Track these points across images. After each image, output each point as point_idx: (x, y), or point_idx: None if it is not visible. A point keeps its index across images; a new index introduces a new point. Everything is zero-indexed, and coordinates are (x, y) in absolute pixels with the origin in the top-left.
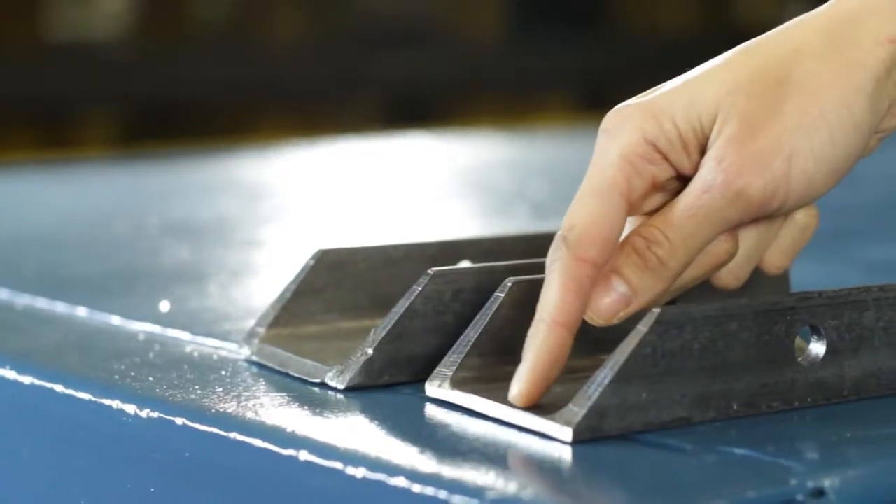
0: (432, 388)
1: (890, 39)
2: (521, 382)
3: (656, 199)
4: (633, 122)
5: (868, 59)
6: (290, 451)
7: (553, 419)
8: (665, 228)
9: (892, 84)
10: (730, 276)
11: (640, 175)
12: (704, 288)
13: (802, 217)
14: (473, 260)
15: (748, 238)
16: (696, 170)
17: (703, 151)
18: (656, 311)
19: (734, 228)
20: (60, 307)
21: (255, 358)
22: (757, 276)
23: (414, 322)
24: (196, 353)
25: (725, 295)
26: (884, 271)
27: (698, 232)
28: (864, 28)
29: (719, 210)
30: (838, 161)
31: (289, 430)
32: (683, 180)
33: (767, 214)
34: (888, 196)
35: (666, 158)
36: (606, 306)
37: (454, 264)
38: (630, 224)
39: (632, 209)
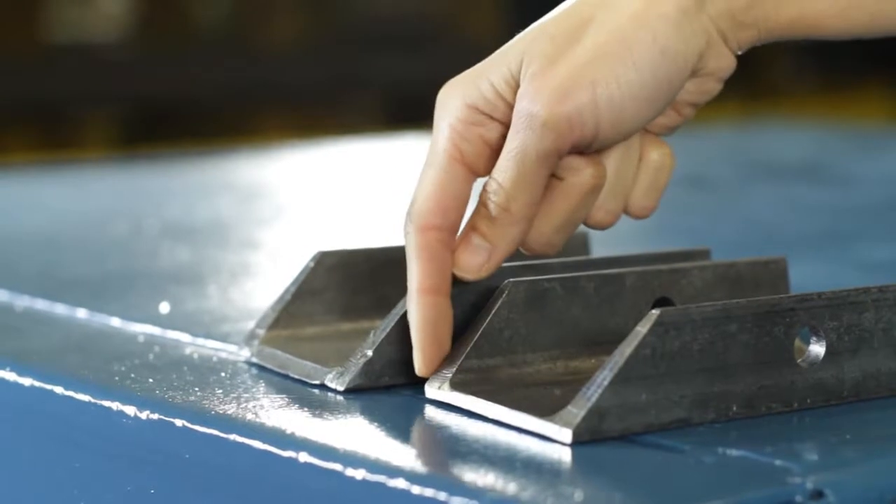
0: (432, 390)
1: None
2: (416, 354)
3: None
4: (456, 93)
5: None
6: (289, 453)
7: (552, 421)
8: (497, 175)
9: (706, 19)
10: (600, 213)
11: (467, 139)
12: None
13: (656, 157)
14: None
15: (609, 172)
16: None
17: None
18: (655, 312)
19: (556, 160)
20: (60, 309)
21: (254, 359)
22: (756, 278)
23: None
24: (196, 355)
25: (724, 296)
26: (883, 272)
27: (524, 170)
28: None
29: (534, 144)
30: (646, 87)
31: (288, 431)
32: None
33: (587, 144)
34: (887, 197)
35: (491, 117)
36: (468, 261)
37: None
38: None
39: (475, 172)
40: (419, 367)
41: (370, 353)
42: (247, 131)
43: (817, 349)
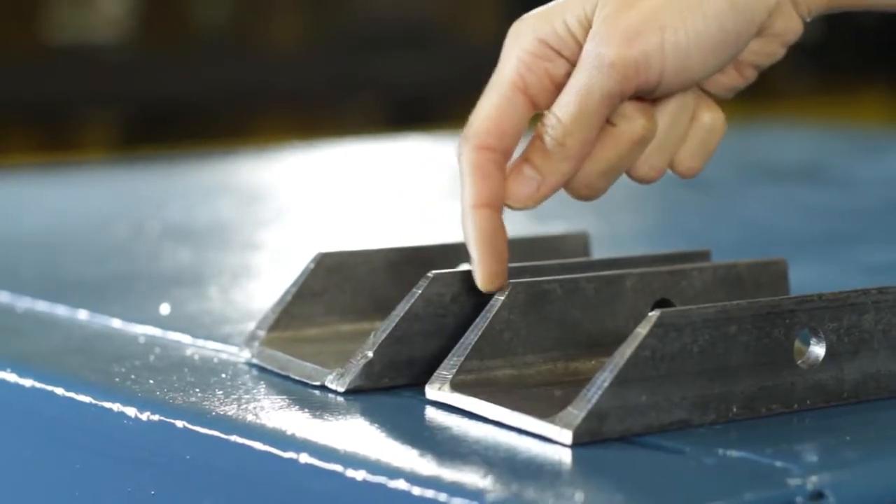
0: (432, 391)
1: None
2: (477, 269)
3: None
4: (528, 26)
5: None
6: (290, 454)
7: (553, 422)
8: (557, 110)
9: None
10: (645, 167)
11: (534, 71)
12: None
13: (708, 118)
14: None
15: (661, 126)
16: None
17: None
18: (656, 314)
19: (618, 102)
20: (61, 310)
21: (255, 361)
22: (757, 279)
23: (414, 325)
24: (196, 357)
25: (724, 298)
26: (883, 274)
27: (585, 108)
28: None
29: (599, 84)
30: (713, 37)
31: (289, 432)
32: None
33: (650, 88)
34: (887, 199)
35: (560, 54)
36: (517, 190)
37: (454, 267)
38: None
39: (535, 104)
40: (482, 281)
41: (371, 354)
42: (247, 133)
43: (817, 351)
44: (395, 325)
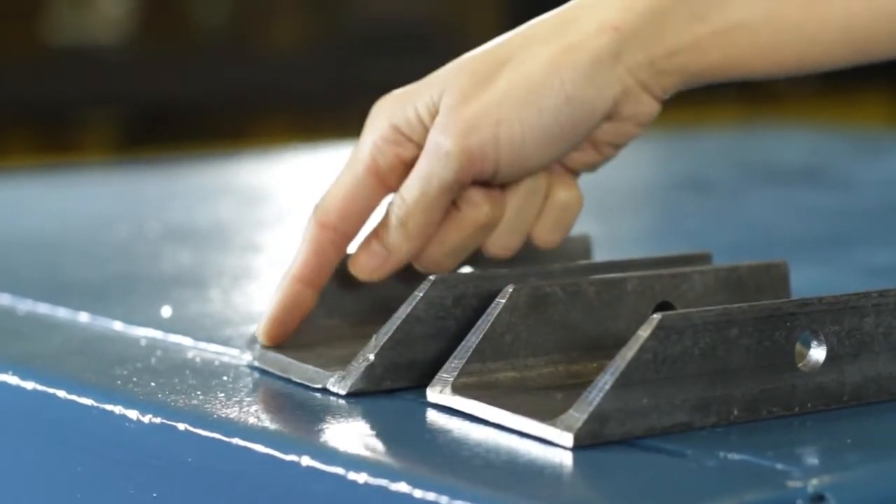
0: (434, 394)
1: (613, 27)
2: (262, 323)
3: None
4: (385, 112)
5: (587, 44)
6: (291, 457)
7: (554, 425)
8: (402, 192)
9: (622, 69)
10: (496, 246)
11: (385, 155)
12: None
13: (564, 196)
14: (475, 266)
15: (509, 209)
16: None
17: None
18: (657, 316)
19: (458, 189)
20: (62, 312)
21: (256, 363)
22: (758, 282)
23: (415, 327)
24: (198, 359)
25: (725, 301)
26: (884, 275)
27: (425, 193)
28: (592, 16)
29: (437, 171)
30: (547, 130)
31: (291, 435)
32: None
33: (488, 177)
34: (887, 201)
35: (410, 139)
36: (365, 262)
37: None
38: None
39: (388, 186)
40: (261, 335)
41: (372, 356)
42: (248, 134)
43: (818, 353)
44: (397, 328)
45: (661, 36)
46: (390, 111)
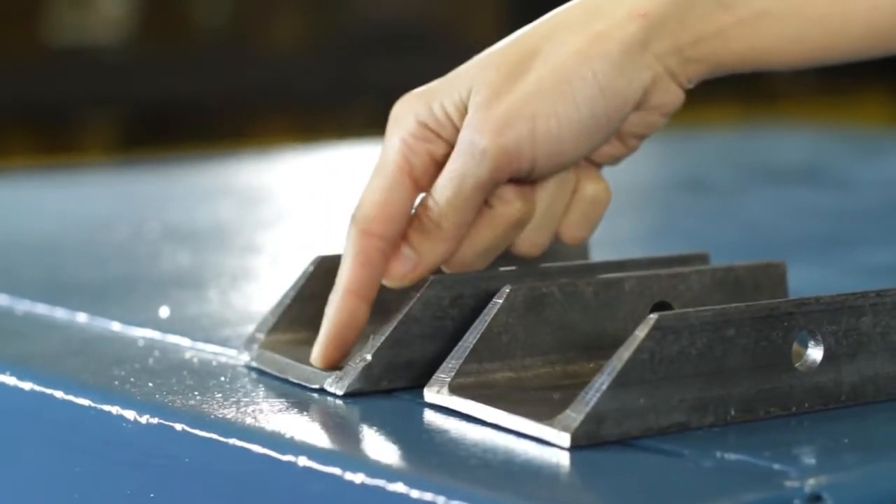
0: (431, 394)
1: (641, 14)
2: (319, 346)
3: None
4: (410, 108)
5: (616, 32)
6: (289, 457)
7: (551, 425)
8: (434, 193)
9: (651, 57)
10: (526, 243)
11: (416, 153)
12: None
13: (592, 190)
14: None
15: (540, 205)
16: None
17: None
18: (654, 316)
19: (493, 188)
20: (60, 313)
21: (254, 364)
22: (755, 282)
23: (413, 328)
24: (195, 359)
25: (722, 301)
26: (882, 275)
27: (459, 193)
28: (619, 3)
29: (472, 171)
30: (584, 123)
31: (288, 435)
32: None
33: (524, 174)
34: (886, 201)
35: (439, 136)
36: (394, 268)
37: None
38: None
39: (419, 185)
40: (319, 359)
41: (369, 357)
42: (248, 135)
43: (815, 353)
44: (394, 328)
45: (687, 23)
46: (416, 109)
